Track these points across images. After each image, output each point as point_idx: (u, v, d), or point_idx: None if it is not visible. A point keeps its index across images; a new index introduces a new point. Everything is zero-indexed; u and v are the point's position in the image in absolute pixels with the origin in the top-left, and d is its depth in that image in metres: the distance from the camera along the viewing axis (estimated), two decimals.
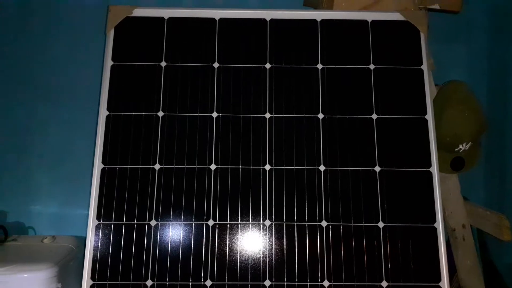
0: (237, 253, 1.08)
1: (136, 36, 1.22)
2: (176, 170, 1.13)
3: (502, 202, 1.52)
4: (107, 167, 1.13)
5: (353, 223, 1.11)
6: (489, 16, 1.60)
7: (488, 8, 1.60)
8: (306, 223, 1.10)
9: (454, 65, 1.59)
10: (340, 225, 1.10)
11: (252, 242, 1.09)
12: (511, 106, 1.51)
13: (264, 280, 1.07)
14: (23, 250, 1.26)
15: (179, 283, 1.06)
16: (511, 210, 1.43)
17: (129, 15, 1.23)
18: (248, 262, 1.08)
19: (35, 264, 1.13)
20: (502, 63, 1.56)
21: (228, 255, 1.08)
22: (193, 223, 1.10)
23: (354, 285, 1.07)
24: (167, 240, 1.09)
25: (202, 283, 1.06)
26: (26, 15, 1.55)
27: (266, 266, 1.08)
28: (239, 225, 1.10)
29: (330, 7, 1.33)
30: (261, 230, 1.10)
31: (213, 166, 1.13)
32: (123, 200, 1.11)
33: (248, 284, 1.06)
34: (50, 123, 1.53)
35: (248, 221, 1.10)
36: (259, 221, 1.10)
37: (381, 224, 1.11)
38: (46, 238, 1.32)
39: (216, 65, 1.20)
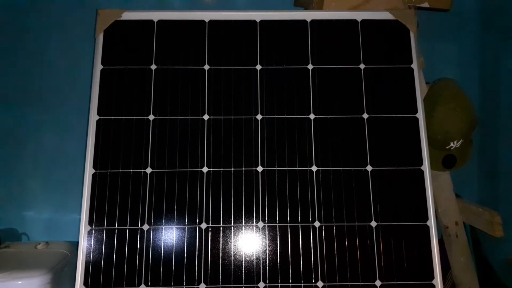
0: (231, 255, 1.08)
1: (125, 40, 1.21)
2: (168, 173, 1.13)
3: (496, 199, 1.52)
4: (98, 172, 1.12)
5: (346, 223, 1.11)
6: (478, 13, 1.61)
7: (477, 5, 1.60)
8: (299, 224, 1.10)
9: (445, 63, 1.59)
10: (333, 225, 1.11)
11: (245, 244, 1.09)
12: (502, 102, 1.51)
13: (258, 282, 1.07)
14: (16, 257, 1.25)
15: (172, 287, 1.06)
16: (505, 206, 1.43)
17: (118, 19, 1.23)
18: (242, 264, 1.08)
19: (29, 271, 1.13)
20: (492, 59, 1.57)
21: (222, 258, 1.08)
22: (186, 226, 1.10)
23: (348, 285, 1.07)
24: (160, 244, 1.08)
25: (196, 286, 1.06)
26: (16, 20, 1.54)
27: (260, 268, 1.08)
28: (232, 228, 1.10)
29: (320, 7, 1.33)
30: (254, 232, 1.10)
31: (205, 169, 1.13)
32: (115, 205, 1.10)
33: (242, 286, 1.06)
34: (43, 128, 1.52)
35: (241, 223, 1.10)
36: (252, 223, 1.10)
37: (373, 223, 1.11)
38: (39, 244, 1.31)
39: (206, 67, 1.20)
